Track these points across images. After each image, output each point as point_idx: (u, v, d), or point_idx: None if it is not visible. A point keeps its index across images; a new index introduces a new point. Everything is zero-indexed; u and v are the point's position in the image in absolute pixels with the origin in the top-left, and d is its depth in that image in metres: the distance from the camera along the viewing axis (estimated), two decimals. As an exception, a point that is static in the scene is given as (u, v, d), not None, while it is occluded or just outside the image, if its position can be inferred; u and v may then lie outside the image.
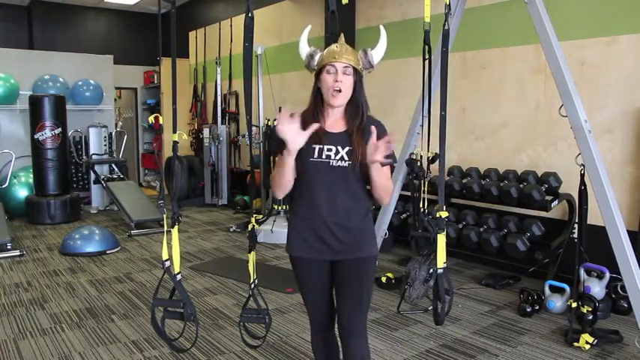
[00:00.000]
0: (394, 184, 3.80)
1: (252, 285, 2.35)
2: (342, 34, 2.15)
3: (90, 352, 3.15)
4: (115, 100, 9.54)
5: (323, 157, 1.98)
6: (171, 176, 6.96)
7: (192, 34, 9.61)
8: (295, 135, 1.88)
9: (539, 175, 4.34)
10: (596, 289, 3.65)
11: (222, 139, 8.08)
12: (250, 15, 2.24)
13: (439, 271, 2.62)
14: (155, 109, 10.18)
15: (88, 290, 4.32)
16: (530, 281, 4.42)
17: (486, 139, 4.97)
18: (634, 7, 3.91)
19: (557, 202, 4.13)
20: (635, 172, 3.98)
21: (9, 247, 5.41)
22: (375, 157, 1.86)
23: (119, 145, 8.32)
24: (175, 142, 2.57)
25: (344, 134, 2.01)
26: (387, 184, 2.02)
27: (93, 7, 10.22)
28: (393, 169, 2.14)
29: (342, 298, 2.10)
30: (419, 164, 3.73)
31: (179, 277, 2.48)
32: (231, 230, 6.53)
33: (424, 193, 3.37)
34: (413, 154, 3.92)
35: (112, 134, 8.14)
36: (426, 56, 3.06)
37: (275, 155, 2.07)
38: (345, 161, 1.98)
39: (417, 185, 3.80)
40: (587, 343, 3.18)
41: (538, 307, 3.76)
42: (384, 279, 4.31)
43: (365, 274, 2.08)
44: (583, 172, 3.22)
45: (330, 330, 2.23)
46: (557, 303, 3.76)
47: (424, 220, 3.26)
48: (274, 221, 5.88)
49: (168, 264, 2.47)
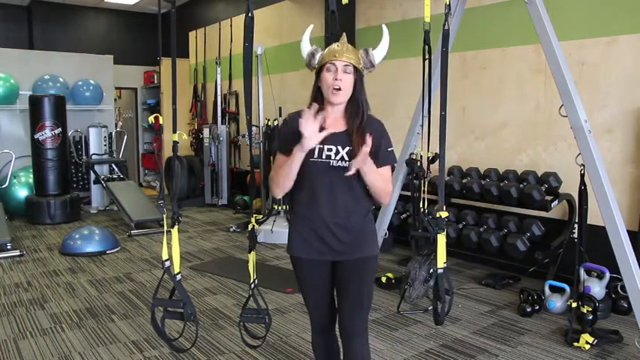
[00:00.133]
0: (394, 184, 3.81)
1: (252, 285, 2.35)
2: (345, 33, 2.14)
3: (90, 352, 3.15)
4: (115, 100, 9.53)
5: (323, 157, 1.98)
6: (171, 176, 6.96)
7: (192, 34, 9.60)
8: (313, 133, 1.88)
9: (539, 175, 4.34)
10: (596, 289, 3.65)
11: (222, 139, 8.07)
12: (250, 15, 2.24)
13: (439, 271, 2.61)
14: (155, 109, 10.17)
15: (88, 290, 4.32)
16: (530, 281, 4.42)
17: (486, 139, 4.97)
18: (634, 7, 3.90)
19: (557, 202, 4.13)
20: (635, 172, 3.98)
21: (9, 247, 5.41)
22: (353, 164, 1.88)
23: (119, 145, 8.32)
24: (175, 142, 2.57)
25: (344, 134, 2.00)
26: (382, 186, 1.99)
27: (93, 7, 10.22)
28: (393, 169, 2.13)
29: (343, 298, 2.10)
30: (419, 164, 3.74)
31: (179, 277, 2.47)
32: (231, 230, 6.53)
33: (424, 193, 3.36)
34: (413, 154, 3.92)
35: (112, 134, 8.14)
36: (426, 56, 3.05)
37: (282, 152, 2.04)
38: (346, 161, 1.96)
39: (417, 185, 3.80)
40: (587, 343, 3.18)
41: (538, 307, 3.76)
42: (384, 279, 4.31)
43: (366, 274, 2.08)
44: (583, 172, 3.22)
45: (331, 330, 2.23)
46: (557, 303, 3.76)
47: (424, 220, 3.26)
48: (274, 221, 5.88)
49: (168, 264, 2.47)
